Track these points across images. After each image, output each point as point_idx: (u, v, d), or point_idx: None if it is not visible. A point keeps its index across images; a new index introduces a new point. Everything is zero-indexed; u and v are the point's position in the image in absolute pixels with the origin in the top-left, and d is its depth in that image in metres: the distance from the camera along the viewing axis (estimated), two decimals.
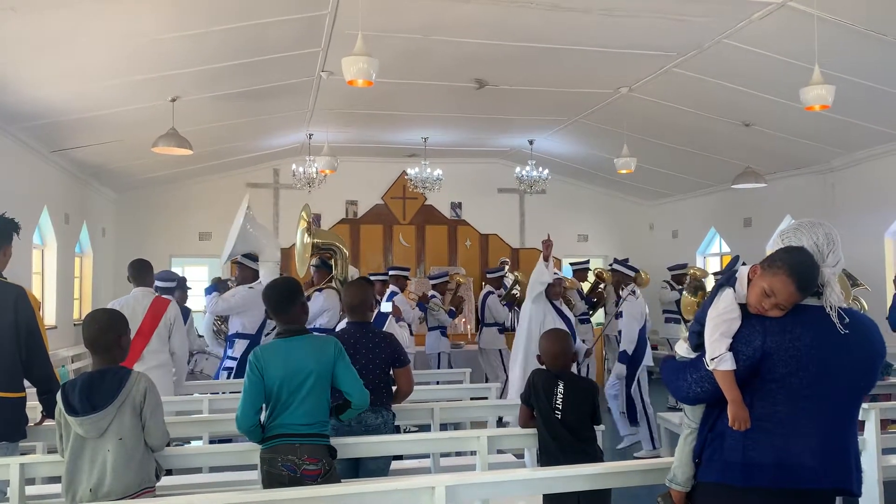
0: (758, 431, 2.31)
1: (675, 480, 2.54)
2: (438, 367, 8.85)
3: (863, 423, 4.20)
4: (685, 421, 2.62)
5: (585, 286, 10.58)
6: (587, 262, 10.81)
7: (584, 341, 9.46)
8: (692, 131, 9.44)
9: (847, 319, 2.29)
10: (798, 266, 2.29)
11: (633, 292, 7.36)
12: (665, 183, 12.74)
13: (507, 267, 10.68)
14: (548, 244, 6.22)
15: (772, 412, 2.30)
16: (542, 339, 3.91)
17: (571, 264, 10.76)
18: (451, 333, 9.61)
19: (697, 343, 2.46)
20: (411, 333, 8.75)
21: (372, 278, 9.55)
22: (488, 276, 9.74)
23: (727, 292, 2.40)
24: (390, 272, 9.14)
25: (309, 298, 7.37)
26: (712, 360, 2.34)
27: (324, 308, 7.05)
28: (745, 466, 2.30)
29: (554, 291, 6.37)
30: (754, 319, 2.35)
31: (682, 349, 2.57)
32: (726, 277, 2.47)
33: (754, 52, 6.64)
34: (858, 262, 7.94)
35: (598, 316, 11.03)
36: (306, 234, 7.27)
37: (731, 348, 2.33)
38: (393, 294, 8.60)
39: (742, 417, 2.31)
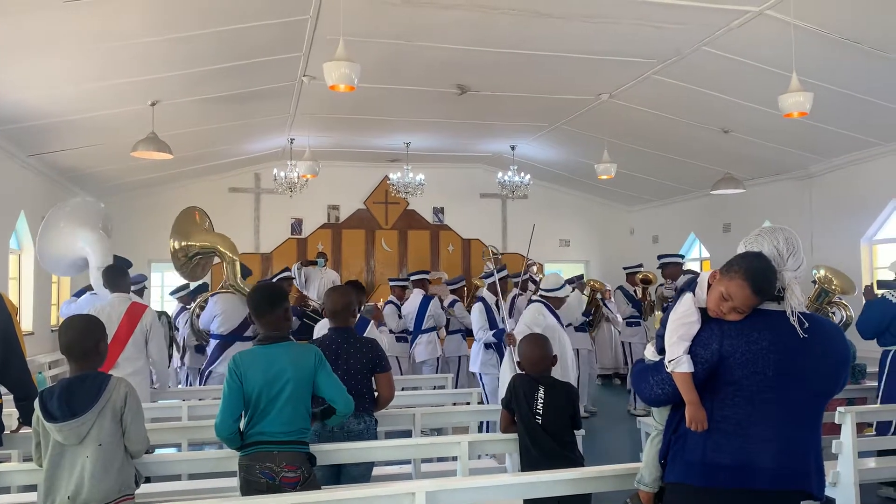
0: (717, 433, 2.35)
1: (643, 481, 2.62)
2: (458, 370, 8.92)
3: (839, 426, 4.24)
4: (652, 423, 2.69)
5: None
6: (640, 265, 10.71)
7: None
8: (672, 137, 9.52)
9: (807, 324, 2.32)
10: (754, 270, 2.33)
11: None
12: (645, 188, 12.83)
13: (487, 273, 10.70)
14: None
15: (730, 414, 2.34)
16: (522, 343, 3.93)
17: (625, 268, 10.70)
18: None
19: (662, 346, 2.50)
20: (438, 337, 8.91)
21: (392, 283, 9.62)
22: (449, 286, 9.76)
23: (687, 297, 2.46)
24: (412, 277, 9.18)
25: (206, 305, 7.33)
26: (670, 362, 2.39)
27: (213, 313, 7.01)
28: (704, 466, 2.35)
29: (556, 306, 6.29)
30: (713, 323, 2.40)
31: (649, 352, 2.63)
32: (688, 283, 2.53)
33: (733, 60, 6.71)
34: (835, 268, 8.03)
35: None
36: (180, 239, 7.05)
37: (690, 351, 2.38)
38: (428, 299, 8.67)
39: (699, 419, 2.36)
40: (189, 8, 5.87)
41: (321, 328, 5.21)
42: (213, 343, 7.07)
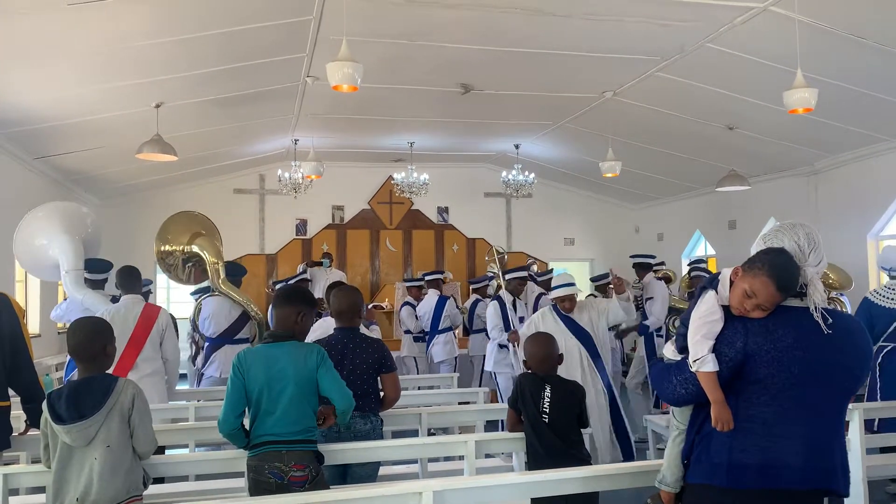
0: (743, 432, 2.31)
1: (665, 481, 2.56)
2: (483, 369, 8.91)
3: (847, 423, 4.23)
4: (673, 422, 2.63)
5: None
6: (661, 263, 10.37)
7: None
8: (677, 135, 9.50)
9: (831, 320, 2.30)
10: (778, 267, 2.30)
11: None
12: (650, 186, 12.80)
13: (490, 275, 10.64)
14: (619, 279, 5.80)
15: (755, 413, 2.31)
16: (528, 342, 3.92)
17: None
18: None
19: (683, 345, 2.46)
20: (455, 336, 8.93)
21: (407, 284, 9.63)
22: (472, 285, 9.76)
23: (709, 294, 2.42)
24: (426, 277, 9.18)
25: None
26: (695, 361, 2.35)
27: (203, 316, 7.02)
28: (730, 467, 2.31)
29: (565, 307, 5.82)
30: (736, 321, 2.36)
31: (669, 351, 2.58)
32: (709, 280, 2.49)
33: (737, 56, 6.69)
34: (841, 265, 8.01)
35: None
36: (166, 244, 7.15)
37: (714, 350, 2.34)
38: (444, 299, 8.71)
39: (725, 418, 2.32)
40: (193, 10, 5.87)
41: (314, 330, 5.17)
42: (205, 346, 7.10)
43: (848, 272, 8.02)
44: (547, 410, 3.62)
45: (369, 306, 10.04)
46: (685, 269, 11.97)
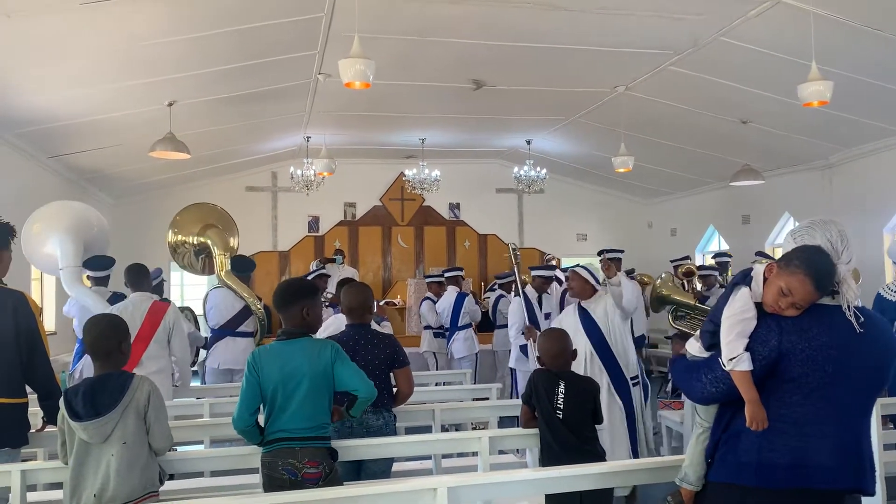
0: (773, 432, 2.27)
1: (687, 479, 2.50)
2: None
3: None
4: (697, 420, 2.58)
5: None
6: (686, 257, 10.11)
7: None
8: (690, 129, 9.45)
9: (863, 318, 2.27)
10: (816, 265, 2.26)
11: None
12: (663, 181, 12.74)
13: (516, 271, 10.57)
14: (605, 263, 5.53)
15: (787, 412, 2.26)
16: (541, 338, 3.91)
17: (672, 261, 10.21)
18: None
19: (711, 342, 2.41)
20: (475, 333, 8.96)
21: (428, 280, 9.66)
22: (498, 281, 9.75)
23: (743, 291, 2.36)
24: (446, 274, 9.22)
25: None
26: (730, 360, 2.29)
27: (209, 307, 7.06)
28: (759, 467, 2.27)
29: (572, 286, 5.51)
30: (770, 319, 2.30)
31: (695, 348, 2.51)
32: (742, 276, 2.43)
33: (751, 50, 6.64)
34: (857, 259, 7.92)
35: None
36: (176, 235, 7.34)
37: (748, 348, 2.28)
38: (463, 296, 8.84)
39: (760, 417, 2.27)
40: (204, 8, 5.89)
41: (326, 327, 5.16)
42: (208, 337, 7.17)
43: (863, 267, 7.94)
44: (561, 406, 3.60)
45: (381, 303, 10.05)
46: (697, 262, 11.94)
